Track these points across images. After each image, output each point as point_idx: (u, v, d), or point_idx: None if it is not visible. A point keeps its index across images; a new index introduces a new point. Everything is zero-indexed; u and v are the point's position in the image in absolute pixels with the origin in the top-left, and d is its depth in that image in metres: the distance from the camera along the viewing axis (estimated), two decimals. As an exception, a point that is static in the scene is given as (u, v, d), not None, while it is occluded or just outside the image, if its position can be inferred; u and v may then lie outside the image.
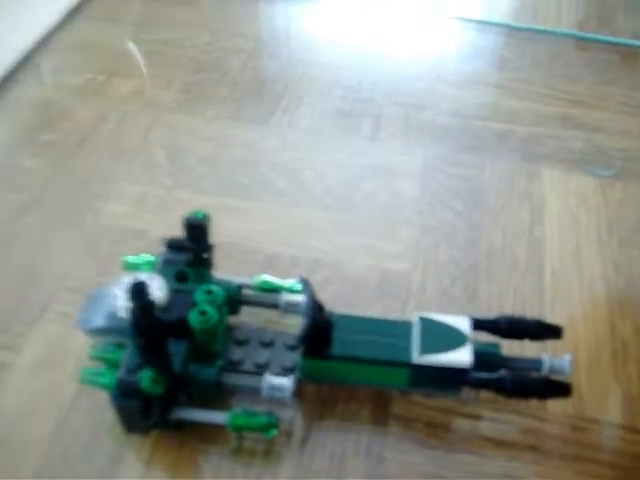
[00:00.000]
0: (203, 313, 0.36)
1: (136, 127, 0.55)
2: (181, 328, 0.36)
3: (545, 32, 0.66)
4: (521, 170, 0.52)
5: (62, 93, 0.60)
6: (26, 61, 0.63)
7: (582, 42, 0.65)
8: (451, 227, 0.48)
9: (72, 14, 0.69)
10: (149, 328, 0.34)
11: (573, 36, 0.65)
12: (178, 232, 0.39)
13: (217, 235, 0.43)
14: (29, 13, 0.69)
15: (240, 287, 0.41)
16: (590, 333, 0.43)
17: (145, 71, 0.62)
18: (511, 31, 0.67)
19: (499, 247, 0.47)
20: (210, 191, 0.51)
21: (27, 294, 0.45)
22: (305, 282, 0.37)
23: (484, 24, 0.67)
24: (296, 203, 0.50)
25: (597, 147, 0.55)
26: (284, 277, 0.42)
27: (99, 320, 0.38)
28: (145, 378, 0.34)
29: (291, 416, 0.39)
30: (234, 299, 0.41)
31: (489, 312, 0.42)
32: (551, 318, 0.43)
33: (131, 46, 0.64)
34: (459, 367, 0.36)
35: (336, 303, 0.42)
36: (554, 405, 0.39)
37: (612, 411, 0.39)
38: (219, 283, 0.40)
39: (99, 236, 0.48)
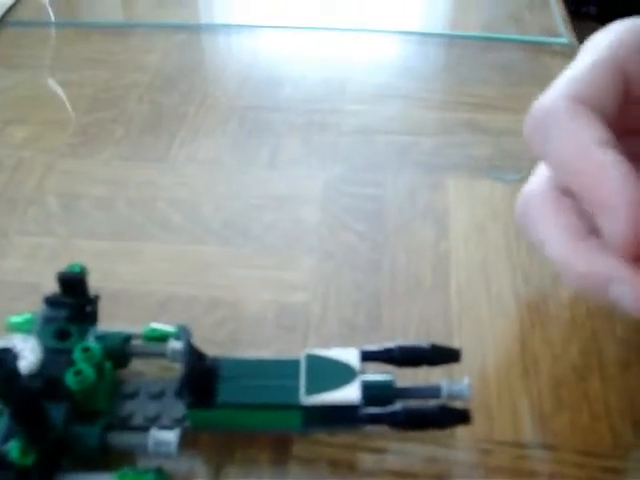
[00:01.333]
0: (78, 373, 0.34)
1: (30, 176, 0.53)
2: (59, 390, 0.35)
3: (452, 36, 0.64)
4: (424, 183, 0.51)
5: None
6: None
7: (489, 43, 0.64)
8: (353, 251, 0.47)
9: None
10: (15, 397, 0.32)
11: (479, 38, 0.64)
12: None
13: (112, 282, 0.41)
14: None
15: (127, 338, 0.39)
16: (500, 351, 0.41)
17: (70, 110, 0.60)
18: (416, 38, 0.66)
19: (403, 268, 0.45)
20: (105, 236, 0.49)
21: None
22: (182, 329, 0.35)
23: (388, 33, 0.66)
24: (193, 240, 0.48)
25: (505, 151, 0.53)
26: (179, 320, 0.40)
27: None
28: (14, 450, 0.32)
29: (188, 467, 0.37)
30: (120, 352, 0.39)
31: (393, 338, 0.41)
32: (458, 338, 0.41)
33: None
34: (348, 405, 0.34)
35: (233, 344, 0.41)
36: (462, 430, 0.37)
37: (524, 431, 0.38)
38: (103, 337, 0.38)
39: (-6, 294, 0.46)
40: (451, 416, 0.35)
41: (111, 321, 0.40)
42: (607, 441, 0.37)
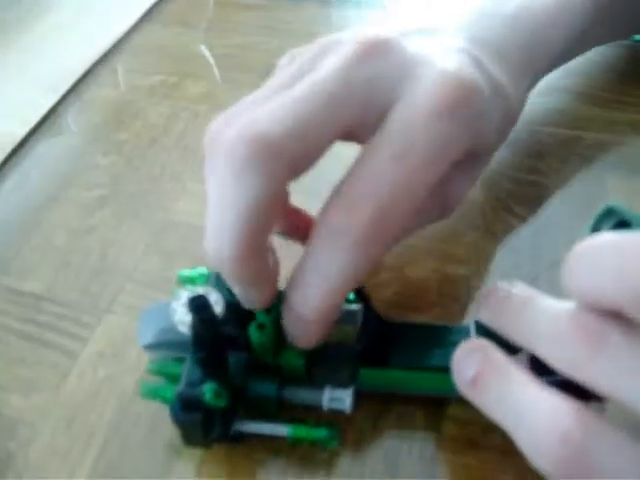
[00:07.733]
0: (262, 327, 0.36)
1: (205, 128, 0.56)
2: (240, 341, 0.37)
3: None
4: (585, 177, 0.52)
5: (135, 94, 0.62)
6: (102, 63, 0.66)
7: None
8: (514, 233, 0.48)
9: (145, 18, 0.72)
10: (211, 341, 0.35)
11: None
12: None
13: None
14: (108, 17, 0.72)
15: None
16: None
17: (217, 74, 0.63)
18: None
19: (562, 255, 0.46)
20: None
21: (96, 287, 0.47)
22: (359, 291, 0.37)
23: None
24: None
25: (669, 156, 0.53)
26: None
27: (156, 335, 0.39)
28: (209, 391, 0.34)
29: (345, 419, 0.39)
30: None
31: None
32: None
33: (204, 50, 0.65)
34: (516, 373, 0.36)
35: (395, 305, 0.43)
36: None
37: None
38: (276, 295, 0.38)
39: (167, 232, 0.50)
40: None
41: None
42: None
